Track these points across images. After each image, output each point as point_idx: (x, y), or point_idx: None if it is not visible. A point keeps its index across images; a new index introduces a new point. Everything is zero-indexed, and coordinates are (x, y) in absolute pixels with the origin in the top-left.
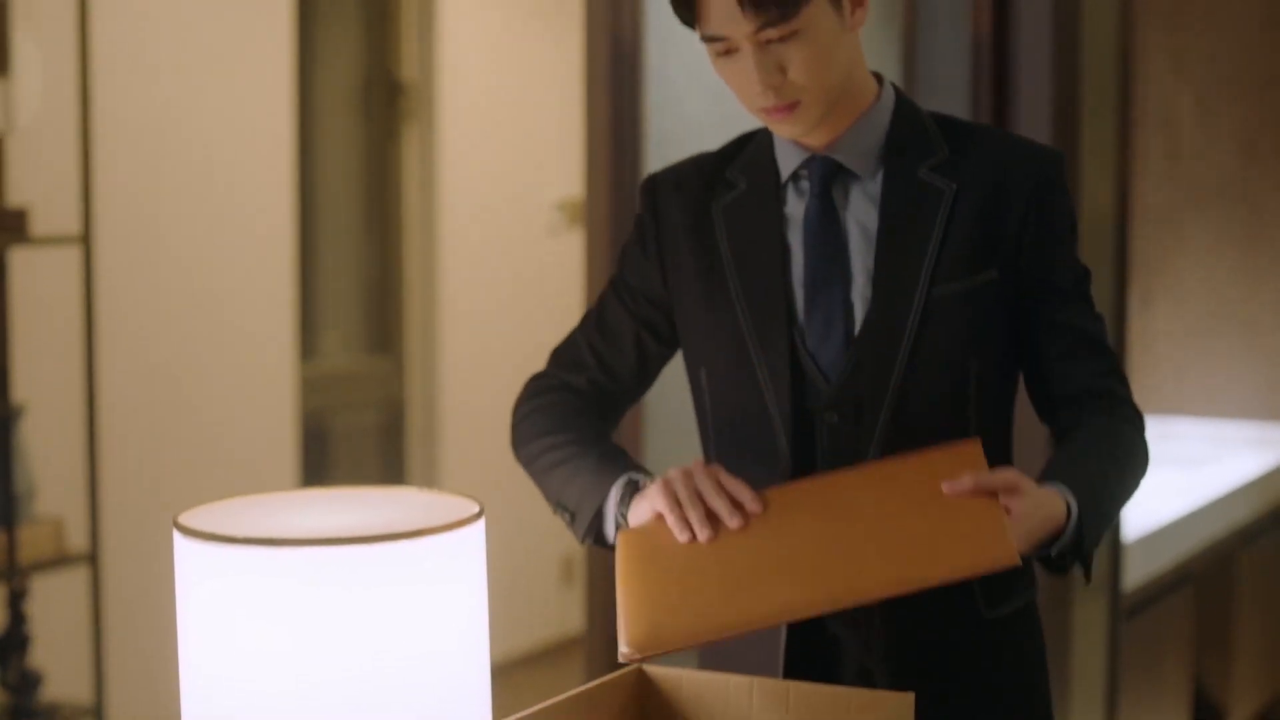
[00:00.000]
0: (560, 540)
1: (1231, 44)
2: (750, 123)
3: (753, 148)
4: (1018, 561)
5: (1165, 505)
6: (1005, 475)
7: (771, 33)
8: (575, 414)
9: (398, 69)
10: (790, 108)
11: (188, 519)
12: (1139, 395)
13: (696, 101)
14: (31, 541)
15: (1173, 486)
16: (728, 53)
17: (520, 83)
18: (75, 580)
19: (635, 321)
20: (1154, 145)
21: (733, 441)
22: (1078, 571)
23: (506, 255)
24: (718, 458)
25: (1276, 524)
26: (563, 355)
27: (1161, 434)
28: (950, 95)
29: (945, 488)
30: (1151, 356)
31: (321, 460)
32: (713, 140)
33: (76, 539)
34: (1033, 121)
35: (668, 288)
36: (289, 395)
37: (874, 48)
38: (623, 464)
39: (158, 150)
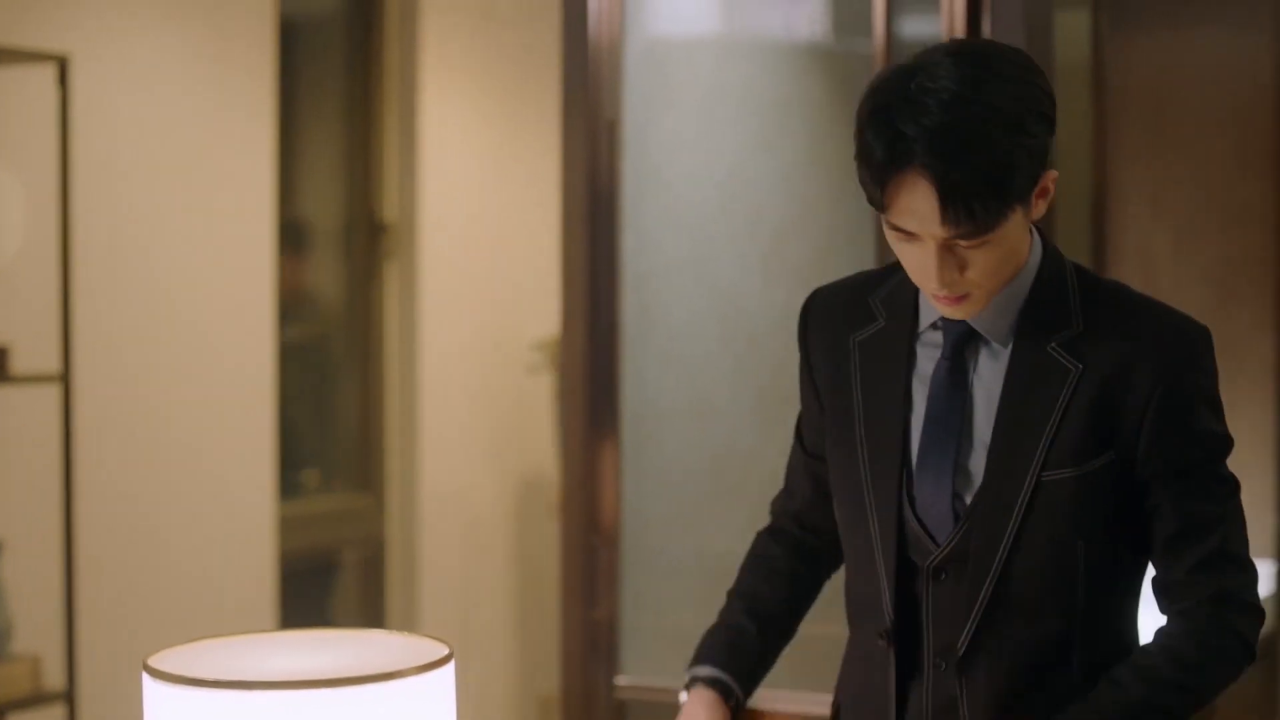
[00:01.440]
0: (538, 679)
1: (1207, 182)
2: (726, 265)
3: (903, 276)
4: None
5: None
6: None
7: (962, 241)
8: (765, 577)
9: (379, 209)
10: (960, 299)
11: (157, 661)
12: None
13: (672, 243)
14: (8, 679)
15: (1150, 625)
16: (909, 239)
17: (500, 223)
18: (52, 719)
19: (811, 460)
20: (1131, 282)
21: (850, 581)
22: None
23: (486, 394)
24: (847, 594)
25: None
26: (788, 488)
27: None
28: None
29: None
30: None
31: (301, 599)
32: (688, 282)
33: (53, 677)
34: None
35: (823, 411)
36: (268, 534)
37: (850, 190)
38: (724, 658)
39: (138, 289)
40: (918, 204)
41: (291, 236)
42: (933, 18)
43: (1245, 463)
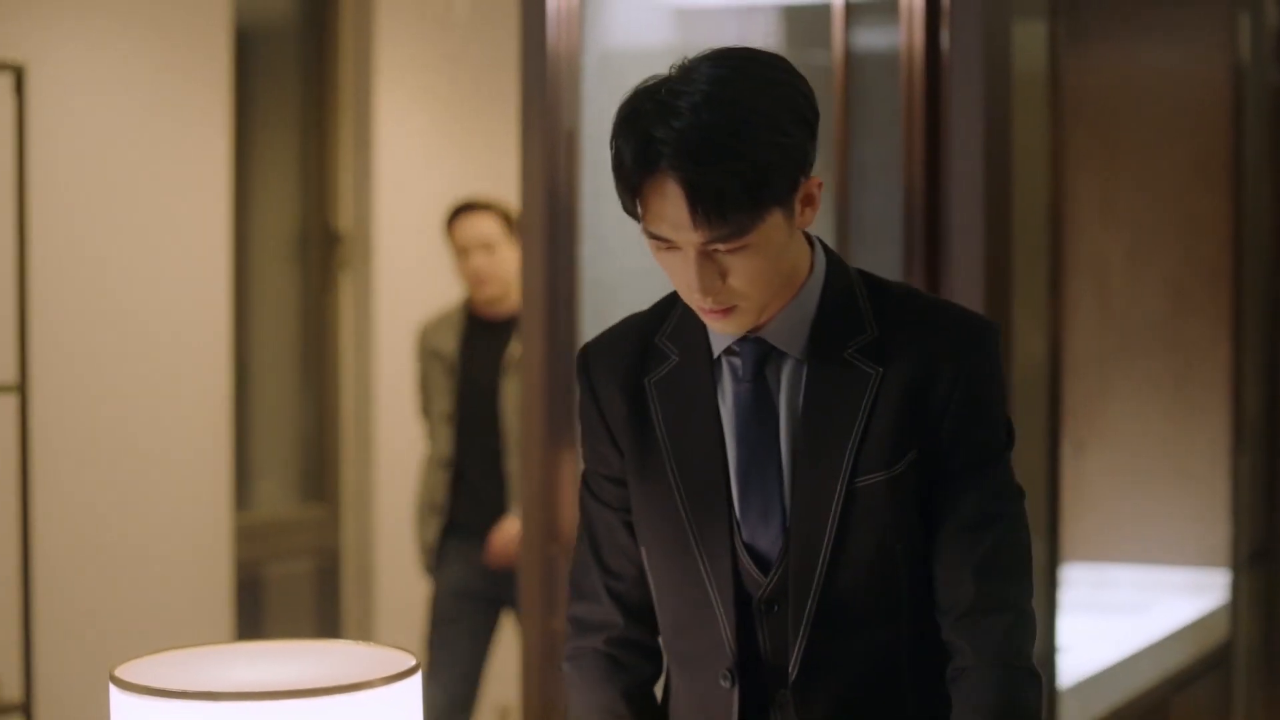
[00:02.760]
0: (496, 687)
1: (1162, 192)
2: None
3: (683, 310)
4: None
5: (1098, 652)
6: None
7: (721, 245)
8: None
9: (334, 219)
10: (727, 311)
11: (124, 672)
12: (1072, 543)
13: (629, 252)
14: None
15: (1106, 633)
16: (670, 249)
17: None
18: None
19: (619, 516)
20: (1085, 293)
21: (675, 628)
22: None
23: None
24: (666, 647)
25: (1210, 670)
26: (580, 585)
27: (1094, 581)
28: (882, 246)
29: None
30: (1084, 503)
31: (257, 609)
32: (645, 289)
33: (10, 690)
34: (965, 272)
35: (624, 462)
36: (224, 544)
37: None
38: None
39: (95, 299)
40: (669, 208)
41: (246, 246)
42: (891, 29)
43: (1200, 473)
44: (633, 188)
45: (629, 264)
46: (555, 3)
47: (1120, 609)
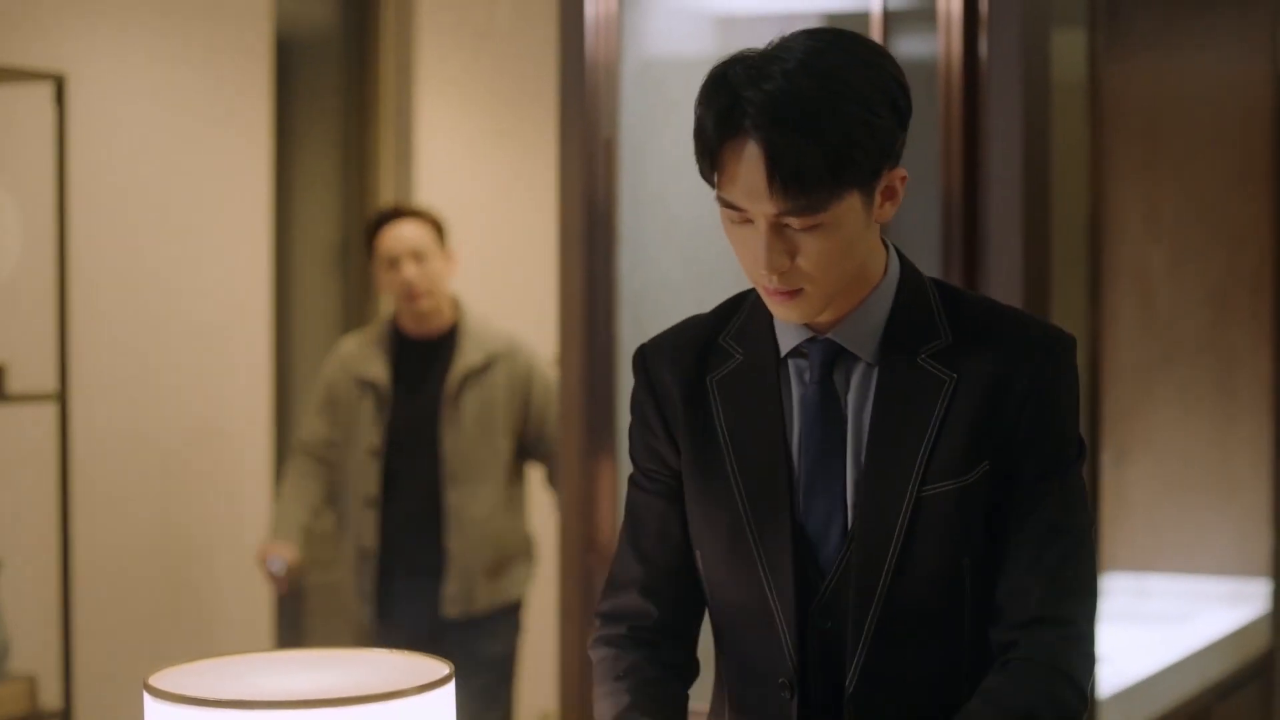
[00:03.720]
0: (537, 693)
1: (1204, 200)
2: (722, 284)
3: (748, 311)
4: None
5: (1139, 662)
6: None
7: (795, 220)
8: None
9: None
10: (793, 294)
11: (158, 681)
12: (1112, 552)
13: (668, 262)
14: (6, 699)
15: (1147, 643)
16: (743, 221)
17: (497, 241)
18: None
19: (673, 507)
20: (1126, 302)
21: (732, 635)
22: None
23: None
24: (721, 654)
25: (1251, 680)
26: (613, 579)
27: (1136, 590)
28: (920, 254)
29: None
30: (1125, 513)
31: (298, 617)
32: (684, 298)
33: (50, 697)
34: (1003, 281)
35: (681, 461)
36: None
37: None
38: None
39: (135, 307)
40: (746, 172)
41: (287, 254)
42: (929, 37)
43: (1241, 483)
44: (712, 151)
45: (668, 273)
46: (594, 11)
47: (1161, 619)
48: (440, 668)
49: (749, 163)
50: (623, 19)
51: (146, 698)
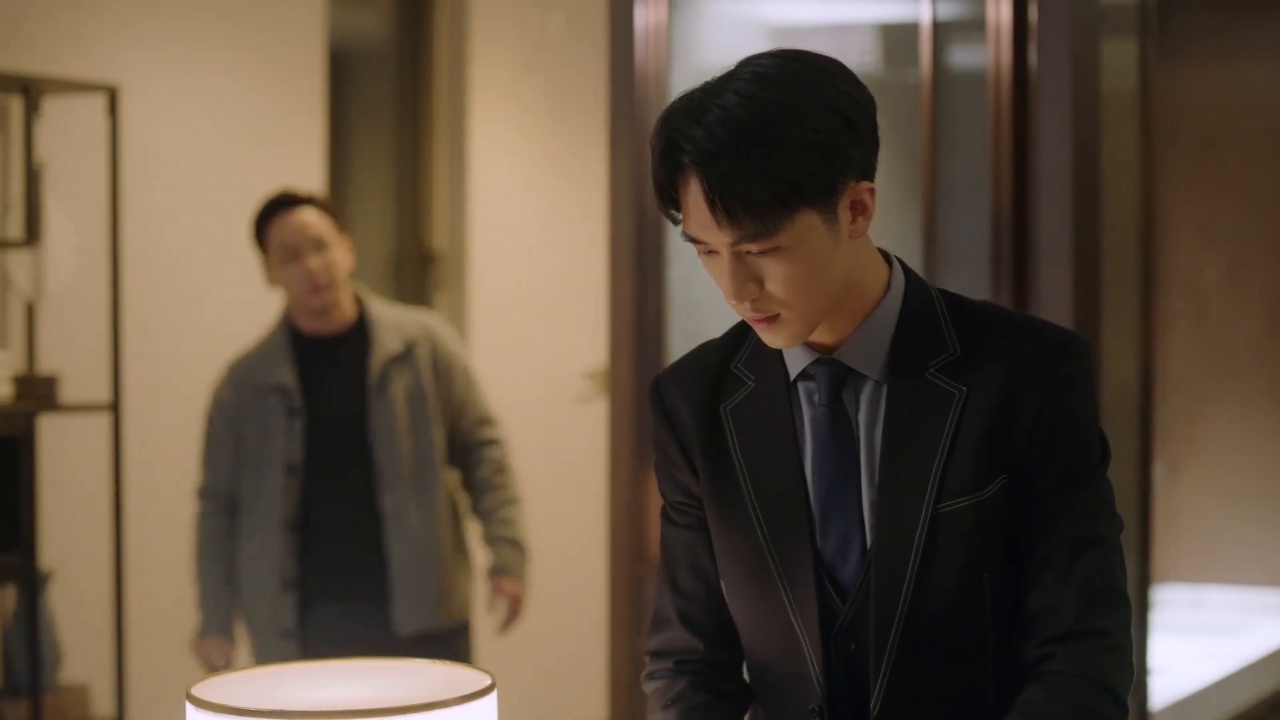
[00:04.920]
0: (587, 704)
1: (1259, 211)
2: None
3: (755, 336)
4: None
5: (1193, 673)
6: None
7: (751, 245)
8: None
9: (429, 239)
10: (771, 320)
11: (200, 690)
12: (1165, 564)
13: None
14: (58, 709)
15: (1201, 654)
16: (708, 253)
17: (551, 252)
18: None
19: (700, 536)
20: (1180, 313)
21: (761, 662)
22: None
23: (535, 423)
24: (753, 681)
25: None
26: (656, 617)
27: (1189, 602)
28: (970, 265)
29: None
30: (1179, 525)
31: None
32: (734, 312)
33: (103, 706)
34: (1053, 291)
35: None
36: None
37: (895, 219)
38: None
39: (188, 318)
40: (694, 206)
41: None
42: (979, 47)
43: None
44: (662, 189)
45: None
46: (643, 22)
47: (1215, 630)
48: (482, 678)
49: (694, 197)
50: (672, 29)
51: (189, 707)
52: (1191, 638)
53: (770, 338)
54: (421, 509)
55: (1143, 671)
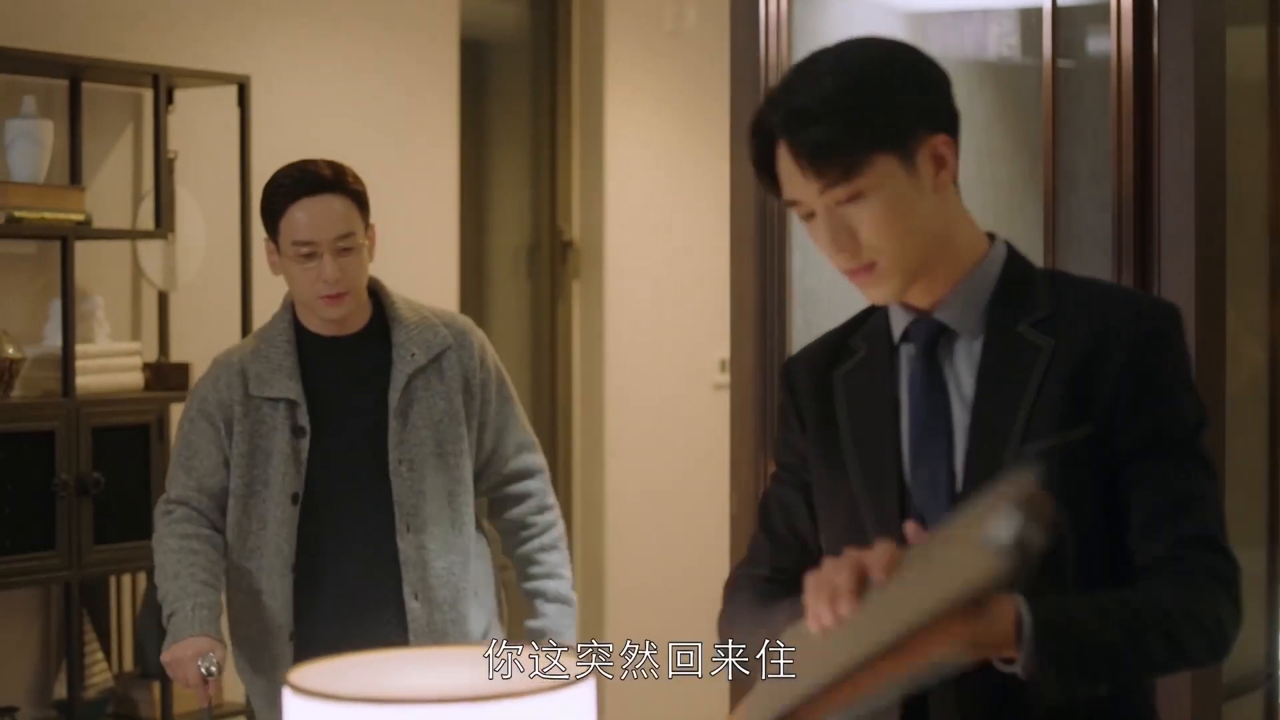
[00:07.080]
0: (700, 706)
1: None
2: None
3: (877, 315)
4: (1003, 567)
5: None
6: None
7: (838, 193)
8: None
9: (565, 227)
10: (868, 269)
11: (298, 678)
12: None
13: None
14: (188, 694)
15: None
16: (808, 217)
17: (685, 240)
18: None
19: (801, 495)
20: None
21: None
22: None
23: (671, 410)
24: None
25: None
26: (748, 551)
27: None
28: (1092, 253)
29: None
30: None
31: None
32: (855, 300)
33: (232, 692)
34: (1176, 280)
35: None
36: None
37: (1016, 207)
38: None
39: None
40: (785, 166)
41: (477, 256)
42: (1101, 33)
43: None
44: (757, 160)
45: (838, 274)
46: (766, 10)
47: None
48: (579, 668)
49: (784, 158)
50: (793, 18)
51: (287, 694)
52: None
53: (872, 292)
54: (447, 553)
55: (1274, 666)
